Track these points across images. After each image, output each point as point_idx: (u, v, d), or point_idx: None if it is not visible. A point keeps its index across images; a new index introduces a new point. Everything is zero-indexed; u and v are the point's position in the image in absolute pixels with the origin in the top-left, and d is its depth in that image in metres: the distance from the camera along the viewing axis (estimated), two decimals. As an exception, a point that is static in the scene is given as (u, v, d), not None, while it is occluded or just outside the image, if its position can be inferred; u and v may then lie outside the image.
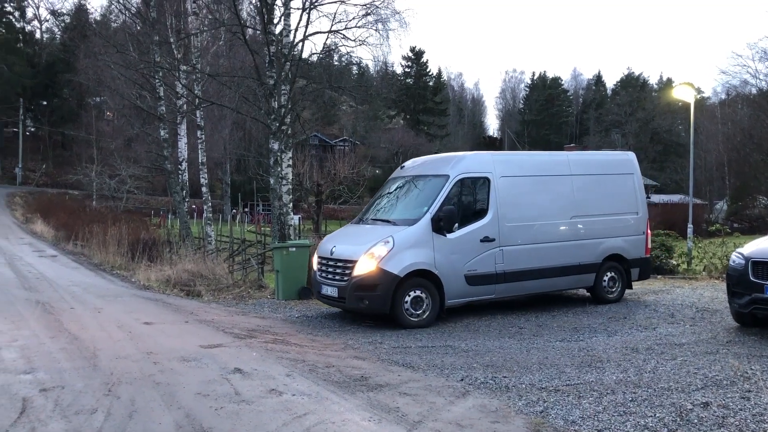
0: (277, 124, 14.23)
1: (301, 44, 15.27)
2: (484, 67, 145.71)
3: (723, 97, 62.50)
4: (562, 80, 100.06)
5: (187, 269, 14.30)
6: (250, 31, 18.84)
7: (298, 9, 15.00)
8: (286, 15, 15.67)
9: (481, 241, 9.71)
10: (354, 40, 15.41)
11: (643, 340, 8.09)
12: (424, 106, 79.48)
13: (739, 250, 8.76)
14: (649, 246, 11.96)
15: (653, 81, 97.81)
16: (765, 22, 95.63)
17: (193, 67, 21.79)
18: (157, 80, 21.70)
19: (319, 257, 10.18)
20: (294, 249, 12.27)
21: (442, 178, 9.87)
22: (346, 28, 15.23)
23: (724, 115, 57.78)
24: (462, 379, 6.29)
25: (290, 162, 17.05)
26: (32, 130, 63.74)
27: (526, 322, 9.50)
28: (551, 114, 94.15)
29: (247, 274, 15.86)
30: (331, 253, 9.81)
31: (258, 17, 16.20)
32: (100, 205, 42.22)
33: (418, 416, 5.18)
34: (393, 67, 70.24)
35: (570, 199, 10.76)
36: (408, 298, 9.11)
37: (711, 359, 6.96)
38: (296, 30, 15.29)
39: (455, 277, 9.43)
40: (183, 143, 23.89)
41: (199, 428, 4.89)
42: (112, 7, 35.34)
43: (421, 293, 9.20)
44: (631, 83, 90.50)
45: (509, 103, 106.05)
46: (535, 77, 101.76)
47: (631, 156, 12.11)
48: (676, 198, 47.03)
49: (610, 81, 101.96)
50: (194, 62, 22.19)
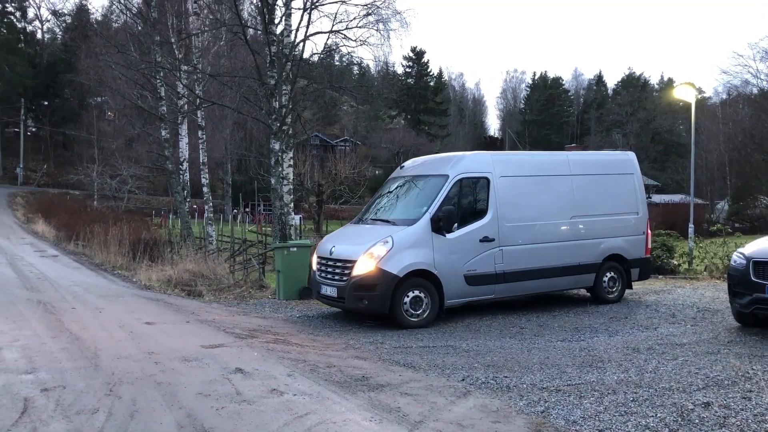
0: (278, 124, 14.23)
1: (302, 44, 15.30)
2: (485, 67, 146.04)
3: (724, 97, 62.58)
4: (563, 80, 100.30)
5: (189, 269, 14.31)
6: (251, 31, 18.87)
7: (299, 9, 15.00)
8: (287, 15, 15.68)
9: (481, 241, 9.71)
10: (355, 40, 15.38)
11: (645, 340, 8.09)
12: (425, 106, 79.52)
13: (740, 250, 8.75)
14: (650, 246, 11.95)
15: (654, 81, 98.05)
16: (766, 21, 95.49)
17: (194, 67, 21.79)
18: (158, 80, 21.70)
19: (319, 257, 10.16)
20: (295, 249, 12.28)
21: (442, 178, 9.87)
22: (347, 29, 15.20)
23: (725, 115, 57.78)
24: (463, 379, 6.29)
25: (291, 162, 17.06)
26: (33, 130, 63.87)
27: (527, 322, 9.50)
28: (552, 114, 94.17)
29: (248, 274, 15.88)
30: (331, 253, 9.81)
31: (259, 17, 16.20)
32: (101, 205, 42.29)
33: (419, 416, 5.18)
34: (394, 67, 70.15)
35: (570, 199, 10.75)
36: (407, 298, 9.11)
37: (712, 359, 6.96)
38: (297, 30, 15.33)
39: (455, 277, 9.42)
40: (184, 143, 23.91)
41: (201, 428, 4.90)
42: (113, 7, 35.51)
43: (421, 293, 9.19)
44: (632, 83, 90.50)
45: (510, 103, 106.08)
46: (536, 77, 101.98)
47: (631, 156, 12.09)
48: (677, 198, 46.98)
49: (611, 81, 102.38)
50: (195, 62, 22.20)
